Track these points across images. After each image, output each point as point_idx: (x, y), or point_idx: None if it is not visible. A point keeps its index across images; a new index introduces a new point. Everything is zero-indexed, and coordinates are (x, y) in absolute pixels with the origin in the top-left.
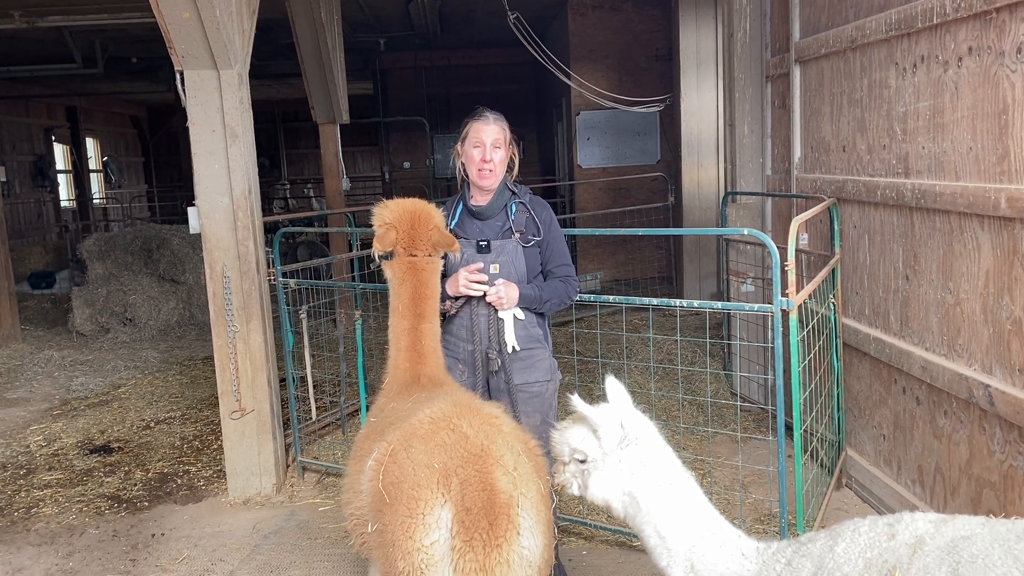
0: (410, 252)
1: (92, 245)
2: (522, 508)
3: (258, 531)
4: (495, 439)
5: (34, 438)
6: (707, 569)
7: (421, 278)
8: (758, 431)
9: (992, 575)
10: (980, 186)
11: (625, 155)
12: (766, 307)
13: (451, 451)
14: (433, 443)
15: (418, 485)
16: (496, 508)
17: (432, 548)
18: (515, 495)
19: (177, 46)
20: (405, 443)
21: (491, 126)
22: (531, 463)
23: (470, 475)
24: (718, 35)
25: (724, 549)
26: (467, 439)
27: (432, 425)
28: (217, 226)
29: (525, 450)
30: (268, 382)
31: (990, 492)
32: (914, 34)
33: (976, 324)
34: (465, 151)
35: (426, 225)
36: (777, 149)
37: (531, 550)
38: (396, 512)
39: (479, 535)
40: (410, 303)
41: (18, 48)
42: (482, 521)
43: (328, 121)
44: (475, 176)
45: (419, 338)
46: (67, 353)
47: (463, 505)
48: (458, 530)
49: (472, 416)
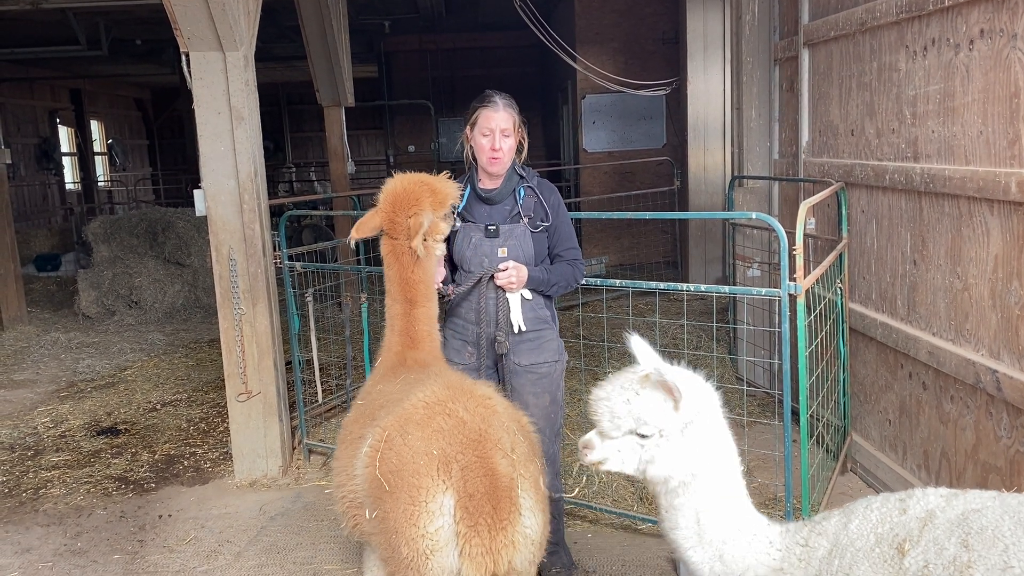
0: (391, 236)
1: (97, 228)
2: (522, 489)
3: (264, 513)
4: (492, 422)
5: (41, 420)
6: (735, 560)
7: (403, 262)
8: (763, 415)
9: (1001, 544)
10: (990, 170)
11: (631, 139)
12: (774, 291)
13: (449, 437)
14: (430, 429)
15: (418, 473)
16: (499, 492)
17: (437, 535)
18: (515, 477)
19: (182, 27)
20: (401, 429)
21: (500, 113)
22: (526, 441)
23: (470, 461)
24: (726, 18)
25: (756, 540)
26: (464, 424)
27: (427, 410)
28: (223, 208)
29: (520, 429)
30: (274, 365)
31: (996, 477)
32: (925, 16)
33: (984, 309)
34: (474, 138)
35: (406, 210)
36: (785, 133)
37: (533, 528)
38: (397, 500)
39: (484, 519)
40: (399, 287)
41: (22, 30)
42: (486, 506)
43: (333, 104)
44: (484, 164)
45: (412, 323)
46: (73, 335)
47: (465, 491)
48: (462, 516)
49: (467, 399)
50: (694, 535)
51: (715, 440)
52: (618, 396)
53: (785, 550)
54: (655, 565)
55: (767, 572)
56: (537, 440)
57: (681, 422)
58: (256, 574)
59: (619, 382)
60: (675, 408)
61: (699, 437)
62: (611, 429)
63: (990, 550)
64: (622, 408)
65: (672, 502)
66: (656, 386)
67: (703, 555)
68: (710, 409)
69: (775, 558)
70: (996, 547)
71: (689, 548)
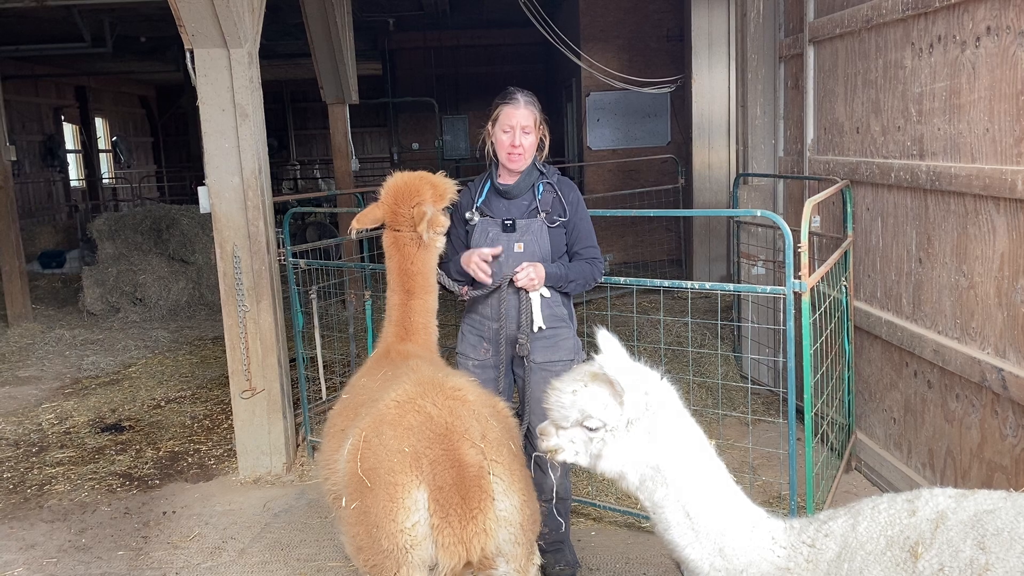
0: (393, 227)
1: (102, 225)
2: (494, 474)
3: (268, 509)
4: (460, 413)
5: (46, 416)
6: (737, 554)
7: (404, 253)
8: (767, 414)
9: (1020, 546)
10: (996, 168)
11: (635, 137)
12: (779, 289)
13: (419, 433)
14: (401, 427)
15: (393, 471)
16: (466, 482)
17: (414, 529)
18: (485, 464)
19: (187, 24)
20: (376, 429)
21: (521, 110)
22: (501, 425)
23: (438, 454)
24: (730, 15)
25: (756, 532)
26: (432, 419)
27: (399, 409)
28: (227, 205)
29: (494, 414)
30: (278, 362)
31: (1001, 476)
32: (931, 13)
33: (990, 307)
34: (495, 134)
35: (408, 201)
36: (790, 131)
37: (509, 510)
38: (377, 497)
39: (454, 510)
40: (398, 278)
41: (27, 27)
42: (454, 497)
43: (337, 101)
44: (504, 159)
45: (408, 314)
46: (78, 332)
47: (435, 484)
48: (434, 508)
49: (435, 394)
50: (688, 531)
51: (671, 437)
52: (567, 387)
53: (791, 548)
54: (659, 563)
55: (772, 570)
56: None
57: (625, 418)
58: (260, 571)
59: (572, 374)
60: (619, 404)
61: (649, 434)
62: (560, 419)
63: (1008, 552)
64: (568, 399)
65: (652, 499)
66: (602, 381)
67: (701, 551)
68: (663, 406)
69: (780, 556)
70: (1014, 549)
71: (686, 545)
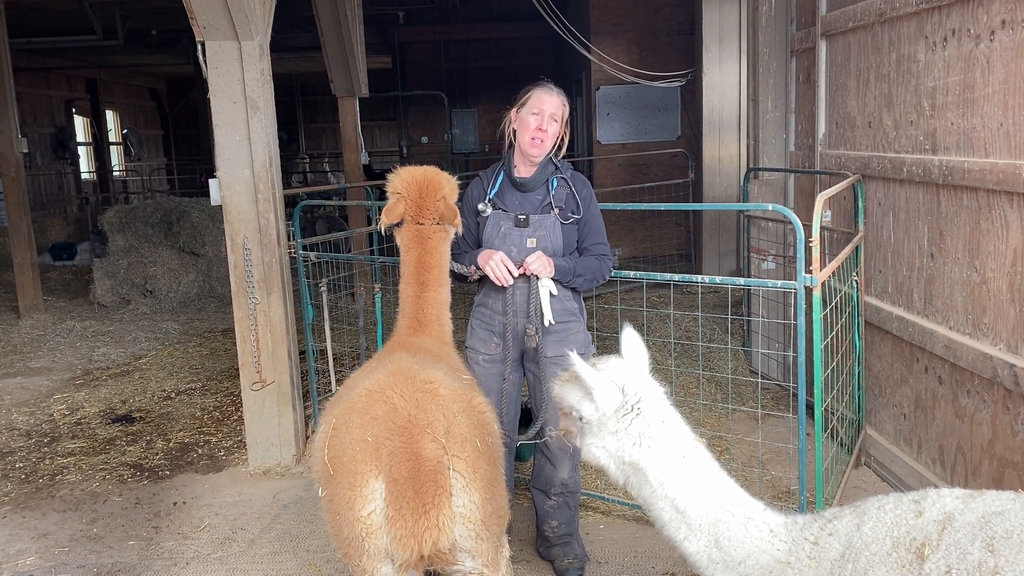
0: (417, 220)
1: (113, 217)
2: (454, 469)
3: (278, 501)
4: (426, 406)
5: (57, 407)
6: (733, 546)
7: (427, 246)
8: (777, 408)
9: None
10: (1010, 163)
11: (645, 131)
12: (790, 284)
13: (382, 423)
14: (368, 416)
15: (355, 459)
16: (421, 476)
17: (370, 519)
18: (444, 459)
19: (198, 16)
20: (345, 418)
21: (553, 97)
22: (471, 421)
23: (397, 446)
24: (742, 8)
25: (752, 524)
26: (396, 410)
27: (368, 398)
28: (238, 198)
29: (466, 409)
30: (288, 354)
31: (1012, 472)
32: (945, 7)
33: (1002, 303)
34: (521, 116)
35: (434, 195)
36: (801, 125)
37: (468, 507)
38: (339, 484)
39: (407, 503)
40: (415, 271)
41: (39, 20)
42: (408, 490)
43: (347, 94)
44: (526, 144)
45: (421, 306)
46: (89, 324)
47: (391, 476)
48: (389, 500)
49: (404, 385)
50: (682, 525)
51: (654, 437)
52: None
53: (792, 543)
54: (667, 556)
55: (771, 562)
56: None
57: (597, 417)
58: (270, 561)
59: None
60: (591, 402)
61: (629, 434)
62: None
63: (1018, 555)
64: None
65: (639, 494)
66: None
67: (698, 544)
68: (645, 408)
69: (780, 549)
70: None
71: (683, 539)
